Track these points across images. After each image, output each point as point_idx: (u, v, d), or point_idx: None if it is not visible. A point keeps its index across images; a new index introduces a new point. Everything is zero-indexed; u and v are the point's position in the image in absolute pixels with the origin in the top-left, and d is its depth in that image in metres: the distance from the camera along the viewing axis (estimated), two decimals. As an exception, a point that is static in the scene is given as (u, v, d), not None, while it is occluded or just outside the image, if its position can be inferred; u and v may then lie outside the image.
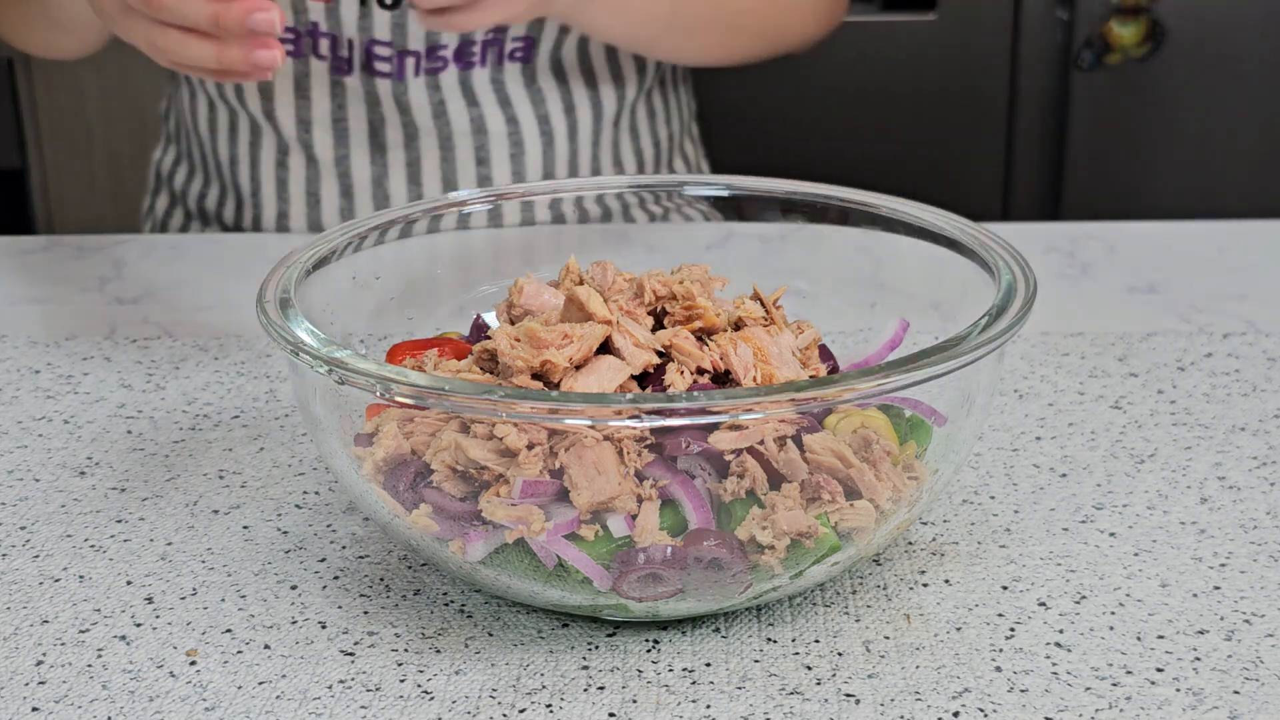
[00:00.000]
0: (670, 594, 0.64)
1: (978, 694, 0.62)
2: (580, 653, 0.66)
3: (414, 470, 0.66)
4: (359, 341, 0.78)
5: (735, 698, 0.63)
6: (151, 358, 0.96)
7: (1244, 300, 1.03)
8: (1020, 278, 0.70)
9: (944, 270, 0.76)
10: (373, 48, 1.16)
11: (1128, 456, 0.82)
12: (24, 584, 0.71)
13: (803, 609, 0.68)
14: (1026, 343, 0.96)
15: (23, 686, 0.64)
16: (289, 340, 0.65)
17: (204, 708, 0.62)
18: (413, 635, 0.67)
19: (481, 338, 0.75)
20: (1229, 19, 1.91)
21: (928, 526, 0.75)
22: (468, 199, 0.83)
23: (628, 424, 0.62)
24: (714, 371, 0.68)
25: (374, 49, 1.16)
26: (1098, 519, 0.76)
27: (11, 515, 0.78)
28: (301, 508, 0.78)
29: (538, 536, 0.63)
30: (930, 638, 0.66)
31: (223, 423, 0.87)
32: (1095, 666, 0.64)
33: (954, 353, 0.63)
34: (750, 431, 0.63)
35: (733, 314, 0.72)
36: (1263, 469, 0.80)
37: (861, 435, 0.66)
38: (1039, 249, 1.12)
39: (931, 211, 0.78)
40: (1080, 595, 0.69)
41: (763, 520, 0.64)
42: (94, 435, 0.86)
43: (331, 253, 0.76)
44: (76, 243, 1.17)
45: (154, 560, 0.73)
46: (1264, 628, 0.67)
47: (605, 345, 0.68)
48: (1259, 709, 0.61)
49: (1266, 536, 0.74)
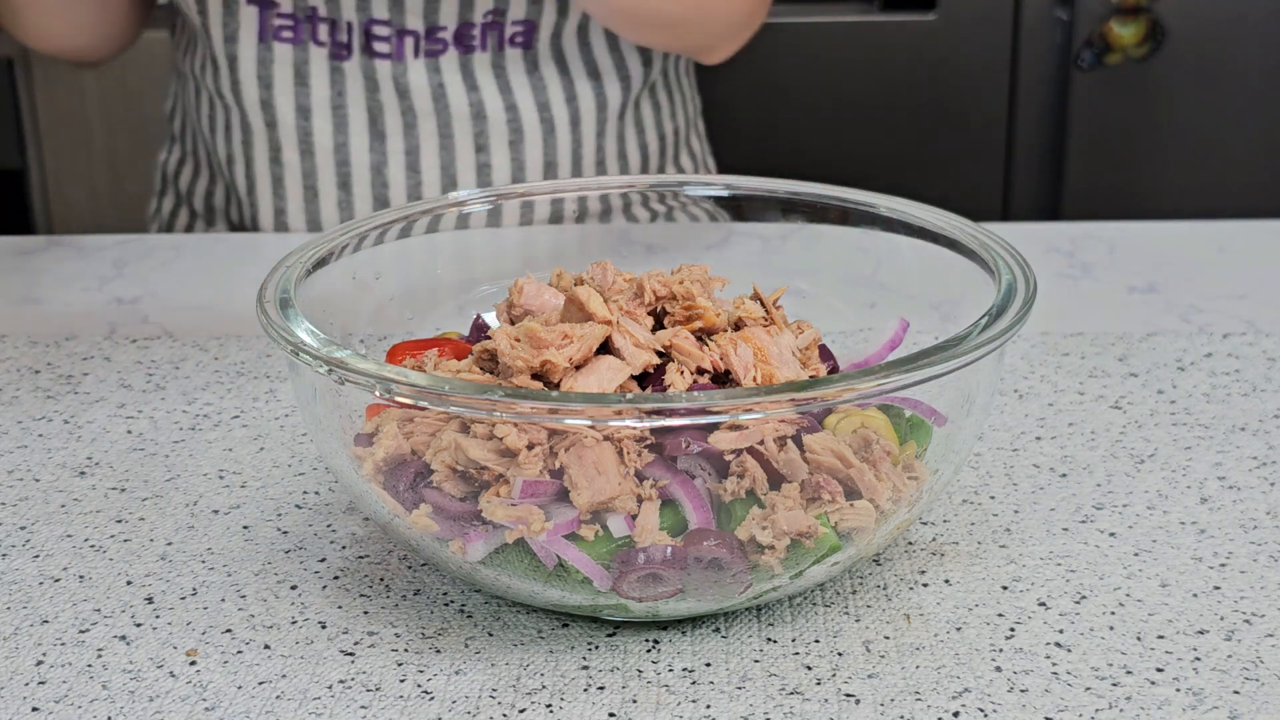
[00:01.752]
0: (670, 594, 0.64)
1: (978, 694, 0.62)
2: (580, 653, 0.66)
3: (414, 470, 0.66)
4: (359, 341, 0.78)
5: (735, 698, 0.63)
6: (151, 358, 0.96)
7: (1244, 300, 1.03)
8: (1020, 278, 0.70)
9: (944, 270, 0.76)
10: (372, 27, 1.16)
11: (1128, 456, 0.82)
12: (24, 584, 0.72)
13: (803, 609, 0.68)
14: (1026, 343, 0.96)
15: (23, 686, 0.64)
16: (289, 340, 0.65)
17: (204, 708, 0.62)
18: (413, 635, 0.67)
19: (481, 338, 0.75)
20: (1229, 19, 1.91)
21: (928, 526, 0.75)
22: (467, 199, 0.83)
23: (628, 424, 0.62)
24: (714, 371, 0.68)
25: (373, 29, 1.16)
26: (1098, 519, 0.76)
27: (11, 515, 0.78)
28: (301, 508, 0.78)
29: (538, 536, 0.63)
30: (930, 638, 0.66)
31: (223, 423, 0.87)
32: (1095, 666, 0.64)
33: (954, 353, 0.63)
34: (750, 431, 0.63)
35: (733, 314, 0.72)
36: (1263, 469, 0.80)
37: (861, 435, 0.66)
38: (1039, 249, 1.12)
39: (931, 211, 0.78)
40: (1080, 595, 0.69)
41: (763, 520, 0.64)
42: (94, 435, 0.86)
43: (331, 253, 0.76)
44: (76, 243, 1.17)
45: (154, 560, 0.73)
46: (1264, 628, 0.67)
47: (605, 345, 0.68)
48: (1259, 709, 0.61)
49: (1266, 536, 0.74)
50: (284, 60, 1.19)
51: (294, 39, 1.18)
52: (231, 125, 1.23)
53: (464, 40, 1.17)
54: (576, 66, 1.22)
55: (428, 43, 1.17)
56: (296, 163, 1.22)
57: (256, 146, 1.23)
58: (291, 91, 1.20)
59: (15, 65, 2.12)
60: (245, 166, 1.24)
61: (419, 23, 1.16)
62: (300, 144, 1.21)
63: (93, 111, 2.14)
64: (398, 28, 1.16)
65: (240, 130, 1.23)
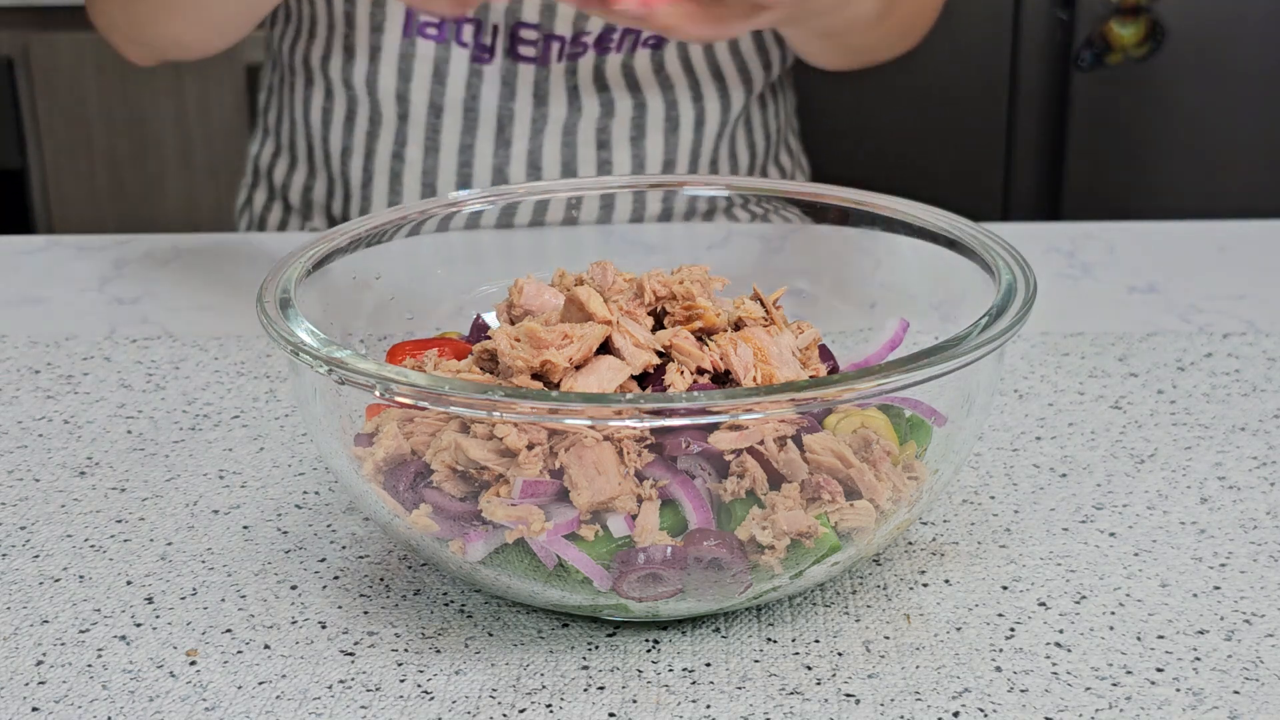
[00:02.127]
0: (670, 594, 0.64)
1: (978, 694, 0.62)
2: (580, 653, 0.66)
3: (414, 470, 0.66)
4: (359, 341, 0.78)
5: (735, 698, 0.63)
6: (151, 358, 0.96)
7: (1244, 300, 1.03)
8: (1020, 278, 0.70)
9: (944, 270, 0.76)
10: (519, 30, 1.16)
11: (1128, 456, 0.82)
12: (24, 584, 0.72)
13: (803, 609, 0.68)
14: (1026, 343, 0.96)
15: (23, 686, 0.64)
16: (289, 340, 0.65)
17: (204, 708, 0.62)
18: (413, 635, 0.67)
19: (481, 338, 0.75)
20: (1229, 19, 1.91)
21: (928, 526, 0.75)
22: (468, 199, 0.83)
23: (628, 424, 0.62)
24: (714, 371, 0.68)
25: (520, 32, 1.16)
26: (1098, 519, 0.76)
27: (11, 515, 0.78)
28: (301, 508, 0.78)
29: (538, 536, 0.63)
30: (930, 638, 0.66)
31: (223, 423, 0.87)
32: (1095, 666, 0.64)
33: (954, 353, 0.63)
34: (750, 431, 0.63)
35: (733, 314, 0.72)
36: (1263, 469, 0.80)
37: (861, 435, 0.66)
38: (1039, 249, 1.12)
39: (931, 211, 0.78)
40: (1080, 595, 0.69)
41: (763, 520, 0.64)
42: (94, 435, 0.86)
43: (331, 253, 0.76)
44: (76, 243, 1.17)
45: (154, 560, 0.73)
46: (1264, 628, 0.67)
47: (605, 345, 0.68)
48: (1259, 709, 0.61)
49: (1266, 536, 0.74)
50: (425, 56, 1.18)
51: (438, 36, 1.17)
52: (355, 117, 1.23)
53: (603, 44, 1.17)
54: (702, 69, 1.21)
55: (571, 46, 1.16)
56: (419, 159, 1.22)
57: (381, 139, 1.22)
58: (428, 88, 1.19)
59: (15, 65, 2.12)
60: (364, 159, 1.23)
61: (568, 29, 1.16)
62: (426, 140, 1.21)
63: (93, 111, 2.14)
64: (545, 32, 1.16)
65: (366, 122, 1.22)
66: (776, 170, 1.33)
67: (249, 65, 2.10)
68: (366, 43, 1.20)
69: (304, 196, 1.29)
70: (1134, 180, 1.99)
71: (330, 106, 1.24)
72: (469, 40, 1.17)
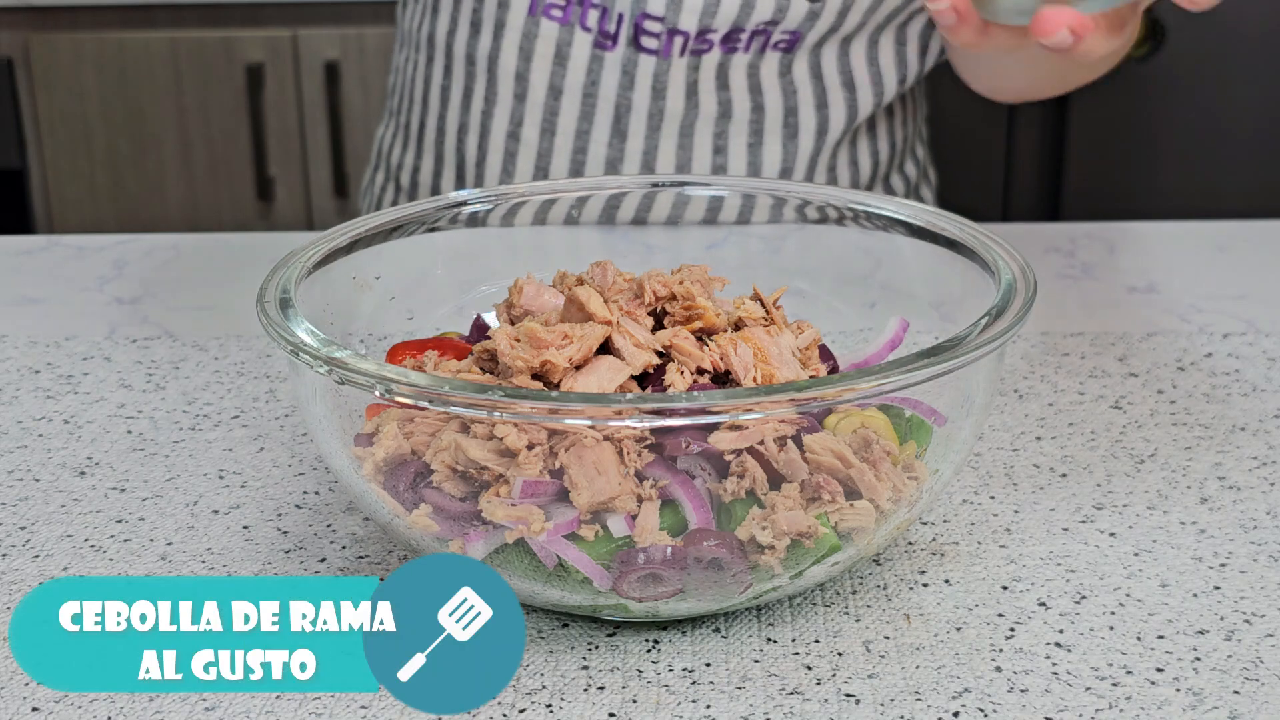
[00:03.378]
0: (670, 594, 0.64)
1: (978, 694, 0.62)
2: (580, 653, 0.66)
3: (414, 470, 0.66)
4: (359, 341, 0.78)
5: (735, 698, 0.63)
6: (151, 358, 0.96)
7: (1244, 300, 1.03)
8: (1020, 278, 0.70)
9: (944, 270, 0.76)
10: (643, 22, 1.15)
11: (1128, 456, 0.82)
12: (24, 584, 0.71)
13: (803, 609, 0.68)
14: (1026, 343, 0.96)
15: (23, 686, 0.64)
16: (289, 340, 0.65)
17: (204, 708, 0.62)
18: (413, 635, 0.67)
19: (481, 338, 0.75)
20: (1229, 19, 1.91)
21: (928, 526, 0.75)
22: (467, 199, 0.83)
23: (628, 424, 0.62)
24: (714, 371, 0.68)
25: (644, 23, 1.15)
26: (1098, 519, 0.76)
27: (11, 515, 0.78)
28: (301, 508, 0.78)
29: (538, 536, 0.63)
30: (930, 638, 0.66)
31: (223, 423, 0.87)
32: (1095, 666, 0.64)
33: (954, 353, 0.63)
34: (750, 431, 0.63)
35: (733, 314, 0.72)
36: (1263, 469, 0.80)
37: (861, 435, 0.66)
38: (1039, 249, 1.12)
39: (931, 211, 0.78)
40: (1080, 595, 0.69)
41: (763, 520, 0.64)
42: (94, 435, 0.86)
43: (332, 253, 0.76)
44: (76, 243, 1.17)
45: (154, 560, 0.73)
46: (1264, 628, 0.67)
47: (605, 345, 0.68)
48: (1259, 709, 0.61)
49: (1266, 536, 0.74)
50: (548, 37, 1.18)
51: (562, 19, 1.17)
52: (473, 94, 1.22)
53: (730, 42, 1.16)
54: (831, 75, 1.20)
55: (695, 43, 1.16)
56: (535, 140, 1.21)
57: (497, 117, 1.21)
58: (548, 70, 1.18)
59: (15, 65, 2.12)
60: (479, 137, 1.23)
61: (693, 23, 1.15)
62: (544, 122, 1.20)
63: (93, 111, 2.15)
64: (670, 26, 1.15)
65: (482, 100, 1.22)
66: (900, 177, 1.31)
67: (249, 65, 2.10)
68: (493, 18, 1.19)
69: (412, 178, 1.29)
70: (1134, 180, 1.99)
71: (449, 84, 1.24)
72: (593, 26, 1.16)
